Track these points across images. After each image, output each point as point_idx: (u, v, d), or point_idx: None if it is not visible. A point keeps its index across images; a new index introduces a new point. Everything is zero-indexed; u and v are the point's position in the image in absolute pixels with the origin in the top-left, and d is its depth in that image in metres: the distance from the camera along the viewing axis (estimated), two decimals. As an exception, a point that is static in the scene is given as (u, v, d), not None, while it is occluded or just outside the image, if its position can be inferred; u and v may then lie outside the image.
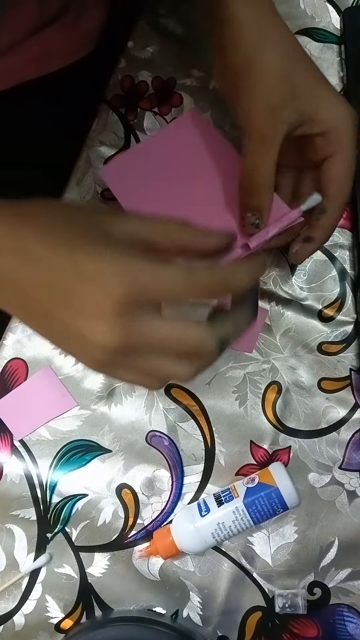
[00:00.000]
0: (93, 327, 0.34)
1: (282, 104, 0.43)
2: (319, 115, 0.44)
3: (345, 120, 0.44)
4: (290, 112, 0.43)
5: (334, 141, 0.44)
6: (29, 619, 0.52)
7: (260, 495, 0.50)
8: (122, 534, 0.53)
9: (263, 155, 0.43)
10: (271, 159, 0.43)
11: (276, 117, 0.43)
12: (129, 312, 0.34)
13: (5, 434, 0.54)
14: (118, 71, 0.58)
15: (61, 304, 0.35)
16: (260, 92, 0.43)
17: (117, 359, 0.36)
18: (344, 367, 0.54)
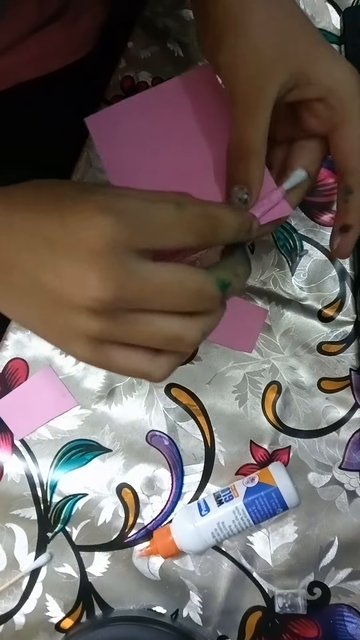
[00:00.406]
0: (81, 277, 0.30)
1: (271, 62, 0.36)
2: (315, 76, 0.37)
3: (348, 82, 0.37)
4: (281, 72, 0.37)
5: (337, 107, 0.37)
6: (29, 618, 0.52)
7: (260, 495, 0.50)
8: (122, 534, 0.53)
9: (251, 122, 0.37)
10: (261, 125, 0.37)
11: (265, 78, 0.37)
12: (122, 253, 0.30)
13: (6, 433, 0.54)
14: (118, 71, 0.58)
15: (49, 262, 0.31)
16: (246, 50, 0.37)
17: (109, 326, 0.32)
18: (344, 367, 0.54)
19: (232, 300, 0.49)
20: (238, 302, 0.54)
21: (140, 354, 0.33)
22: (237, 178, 0.38)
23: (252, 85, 0.37)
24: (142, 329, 0.32)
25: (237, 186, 0.38)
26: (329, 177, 0.55)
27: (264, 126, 0.37)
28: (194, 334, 0.33)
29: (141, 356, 0.33)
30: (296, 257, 0.55)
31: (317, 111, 0.39)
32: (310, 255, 0.55)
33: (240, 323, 0.54)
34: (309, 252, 0.55)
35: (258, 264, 0.55)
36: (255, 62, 0.37)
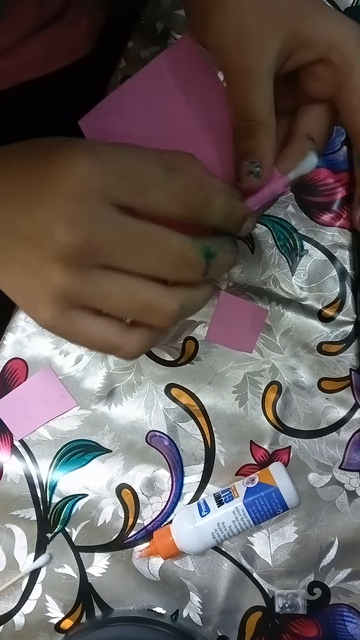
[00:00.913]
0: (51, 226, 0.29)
1: (262, 29, 0.34)
2: (310, 36, 0.34)
3: (346, 35, 0.34)
4: (274, 38, 0.34)
5: (339, 64, 0.34)
6: (29, 619, 0.52)
7: (260, 495, 0.50)
8: (122, 534, 0.53)
9: (253, 94, 0.34)
10: (264, 96, 0.34)
11: (258, 46, 0.34)
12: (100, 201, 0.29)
13: (5, 434, 0.54)
14: (118, 71, 0.58)
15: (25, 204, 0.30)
16: (234, 25, 0.34)
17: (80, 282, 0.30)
18: (344, 367, 0.54)
19: (232, 300, 0.50)
20: (238, 302, 0.54)
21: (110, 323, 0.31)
22: (248, 150, 0.35)
23: (247, 59, 0.34)
24: (114, 291, 0.30)
25: (247, 160, 0.35)
26: (329, 177, 0.55)
27: (269, 97, 0.35)
28: (172, 303, 0.30)
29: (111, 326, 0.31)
30: (296, 257, 0.55)
31: (318, 73, 0.35)
32: (310, 255, 0.55)
33: (241, 323, 0.54)
34: (309, 252, 0.55)
35: (258, 264, 0.55)
36: (245, 35, 0.34)
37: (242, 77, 0.35)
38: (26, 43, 0.50)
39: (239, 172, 0.36)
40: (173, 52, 0.41)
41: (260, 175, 0.35)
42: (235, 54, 0.34)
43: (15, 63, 0.51)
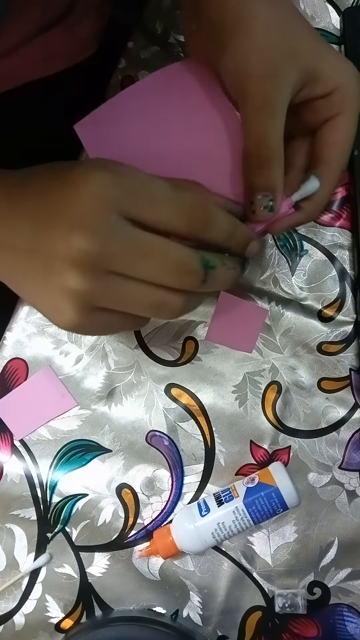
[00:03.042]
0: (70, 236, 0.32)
1: (282, 62, 0.36)
2: (323, 74, 0.37)
3: (352, 79, 0.38)
4: (293, 71, 0.36)
5: (337, 102, 0.38)
6: (29, 618, 0.52)
7: (260, 495, 0.50)
8: (122, 534, 0.53)
9: (269, 124, 0.36)
10: (278, 128, 0.37)
11: (278, 78, 0.36)
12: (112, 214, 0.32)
13: (6, 433, 0.54)
14: (118, 71, 0.58)
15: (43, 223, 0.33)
16: (256, 49, 0.36)
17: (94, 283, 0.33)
18: (344, 367, 0.54)
19: (232, 300, 0.50)
20: (238, 302, 0.54)
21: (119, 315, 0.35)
22: (260, 185, 0.38)
23: (264, 87, 0.36)
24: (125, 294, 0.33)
25: (261, 193, 0.38)
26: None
27: (281, 128, 0.37)
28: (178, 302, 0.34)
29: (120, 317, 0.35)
30: (296, 257, 0.55)
31: (317, 107, 0.39)
32: (310, 255, 0.55)
33: (241, 323, 0.54)
34: (309, 252, 0.55)
35: (258, 264, 0.55)
36: (264, 64, 0.36)
37: (259, 105, 0.36)
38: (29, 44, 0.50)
39: (254, 205, 0.38)
40: (176, 67, 0.42)
41: (274, 209, 0.38)
42: (255, 81, 0.36)
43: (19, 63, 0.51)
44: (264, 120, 0.37)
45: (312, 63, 0.37)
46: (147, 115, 0.43)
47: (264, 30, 0.36)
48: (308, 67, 0.37)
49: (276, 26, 0.36)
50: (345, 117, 0.38)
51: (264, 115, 0.36)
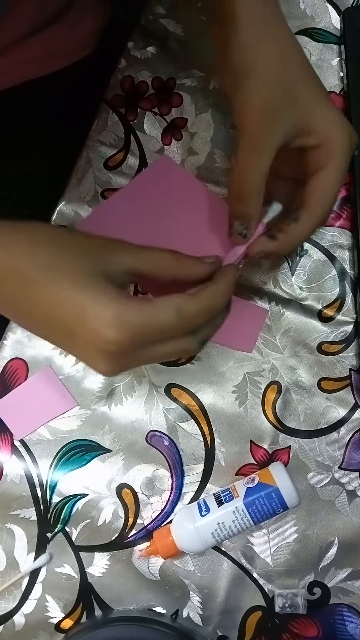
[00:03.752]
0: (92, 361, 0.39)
1: (279, 111, 0.41)
2: (315, 128, 0.42)
3: (341, 136, 0.42)
4: (287, 121, 0.41)
5: (324, 155, 0.42)
6: (29, 618, 0.52)
7: (260, 495, 0.50)
8: (122, 534, 0.53)
9: (254, 163, 0.41)
10: (262, 167, 0.41)
11: (271, 125, 0.41)
12: (124, 354, 0.38)
13: (6, 433, 0.54)
14: (118, 71, 0.58)
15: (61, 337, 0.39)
16: (258, 95, 0.41)
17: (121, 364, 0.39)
18: (344, 367, 0.54)
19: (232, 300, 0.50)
20: (238, 302, 0.54)
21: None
22: (237, 214, 0.44)
23: (257, 131, 0.41)
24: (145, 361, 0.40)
25: (238, 222, 0.44)
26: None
27: (265, 171, 0.41)
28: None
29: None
30: (296, 257, 0.55)
31: (309, 156, 0.43)
32: (310, 255, 0.55)
33: (241, 323, 0.54)
34: (309, 252, 0.55)
35: (258, 264, 0.55)
36: (262, 110, 0.41)
37: (250, 145, 0.41)
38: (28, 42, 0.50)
39: (231, 228, 0.45)
40: (154, 167, 0.54)
41: (247, 236, 0.45)
42: (251, 124, 0.41)
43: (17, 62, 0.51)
44: (250, 159, 0.41)
45: (306, 116, 0.41)
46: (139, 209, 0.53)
47: (269, 79, 0.41)
48: (302, 120, 0.41)
49: (281, 77, 0.41)
50: (330, 171, 0.42)
51: (251, 154, 0.41)
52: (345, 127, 0.42)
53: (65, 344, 0.40)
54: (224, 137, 0.56)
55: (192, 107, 0.57)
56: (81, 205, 0.56)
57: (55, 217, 0.56)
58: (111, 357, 0.38)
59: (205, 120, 0.57)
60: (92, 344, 0.37)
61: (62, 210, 0.56)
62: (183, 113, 0.57)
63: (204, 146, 0.57)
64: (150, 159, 0.57)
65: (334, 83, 0.57)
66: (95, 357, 0.38)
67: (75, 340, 0.38)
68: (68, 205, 0.56)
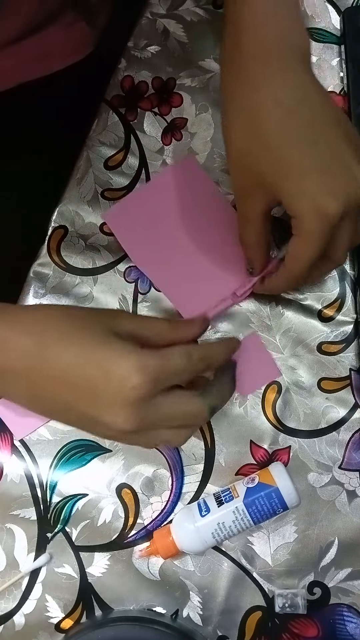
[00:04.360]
0: (114, 415, 0.40)
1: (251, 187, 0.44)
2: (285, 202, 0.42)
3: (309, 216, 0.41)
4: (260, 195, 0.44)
5: (297, 225, 0.42)
6: (29, 618, 0.52)
7: (260, 495, 0.50)
8: (122, 534, 0.53)
9: (244, 225, 0.47)
10: (253, 228, 0.46)
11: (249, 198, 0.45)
12: (146, 399, 0.40)
13: (5, 433, 0.54)
14: (118, 71, 0.58)
15: (84, 398, 0.40)
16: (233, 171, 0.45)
17: (130, 437, 0.42)
18: (344, 367, 0.54)
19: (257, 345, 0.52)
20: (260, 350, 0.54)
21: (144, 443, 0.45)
22: (246, 256, 0.50)
23: (240, 203, 0.47)
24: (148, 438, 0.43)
25: (247, 261, 0.50)
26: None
27: (256, 230, 0.47)
28: (182, 439, 0.44)
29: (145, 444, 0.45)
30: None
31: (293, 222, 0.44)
32: (310, 255, 0.55)
33: (251, 369, 0.53)
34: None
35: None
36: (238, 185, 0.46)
37: (239, 212, 0.47)
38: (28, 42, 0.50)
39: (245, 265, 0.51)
40: (178, 166, 0.56)
41: (253, 274, 0.51)
42: (235, 194, 0.47)
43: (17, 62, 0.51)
44: (241, 222, 0.48)
45: (276, 191, 0.42)
46: (161, 206, 0.55)
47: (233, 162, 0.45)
48: (273, 194, 0.43)
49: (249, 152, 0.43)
50: (299, 242, 0.43)
51: (241, 218, 0.47)
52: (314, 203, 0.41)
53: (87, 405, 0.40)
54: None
55: (192, 107, 0.57)
56: (81, 205, 0.56)
57: (55, 217, 0.56)
58: (135, 405, 0.39)
59: (205, 120, 0.57)
60: (118, 394, 0.39)
61: (62, 210, 0.56)
62: (183, 113, 0.57)
63: (204, 146, 0.57)
64: (150, 159, 0.57)
65: (334, 83, 0.57)
66: (118, 411, 0.40)
67: (98, 397, 0.40)
68: (68, 205, 0.56)
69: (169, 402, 0.41)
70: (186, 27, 0.58)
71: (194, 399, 0.43)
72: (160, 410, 0.41)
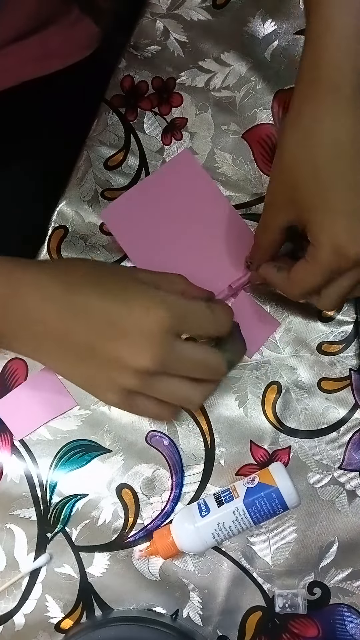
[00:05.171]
0: (135, 348, 0.40)
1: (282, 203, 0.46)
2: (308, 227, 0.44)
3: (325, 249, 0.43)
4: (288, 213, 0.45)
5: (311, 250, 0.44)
6: (29, 618, 0.52)
7: (261, 495, 0.50)
8: (122, 534, 0.53)
9: (262, 234, 0.49)
10: (269, 238, 0.48)
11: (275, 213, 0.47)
12: (170, 336, 0.40)
13: (5, 433, 0.54)
14: (118, 71, 0.58)
15: (106, 334, 0.41)
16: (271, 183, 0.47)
17: (144, 383, 0.42)
18: (344, 367, 0.54)
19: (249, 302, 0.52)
20: (255, 306, 0.54)
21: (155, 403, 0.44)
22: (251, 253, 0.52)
23: (265, 212, 0.48)
24: (162, 389, 0.43)
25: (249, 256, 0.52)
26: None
27: (271, 239, 0.48)
28: (199, 397, 0.44)
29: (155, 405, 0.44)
30: (296, 257, 0.55)
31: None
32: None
33: (250, 326, 0.53)
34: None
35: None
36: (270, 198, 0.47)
37: (262, 222, 0.49)
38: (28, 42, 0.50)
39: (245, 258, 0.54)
40: (175, 160, 0.56)
41: (250, 268, 0.53)
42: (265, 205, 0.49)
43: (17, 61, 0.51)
44: (261, 229, 0.49)
45: (305, 218, 0.44)
46: (157, 201, 0.55)
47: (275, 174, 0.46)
48: (301, 219, 0.44)
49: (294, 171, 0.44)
50: (308, 266, 0.44)
51: (261, 227, 0.49)
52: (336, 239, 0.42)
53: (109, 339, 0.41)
54: (224, 137, 0.56)
55: (192, 107, 0.57)
56: (81, 205, 0.56)
57: (55, 217, 0.56)
58: (156, 338, 0.40)
59: (205, 120, 0.57)
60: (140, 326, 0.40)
61: (62, 210, 0.56)
62: (183, 113, 0.57)
63: (204, 146, 0.57)
64: (150, 159, 0.57)
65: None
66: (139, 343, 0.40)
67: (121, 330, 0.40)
68: (68, 205, 0.56)
69: (189, 348, 0.42)
70: (186, 27, 0.58)
71: (212, 350, 0.44)
72: (181, 353, 0.41)
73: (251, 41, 0.57)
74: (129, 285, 0.42)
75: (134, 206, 0.55)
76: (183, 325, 0.41)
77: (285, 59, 0.56)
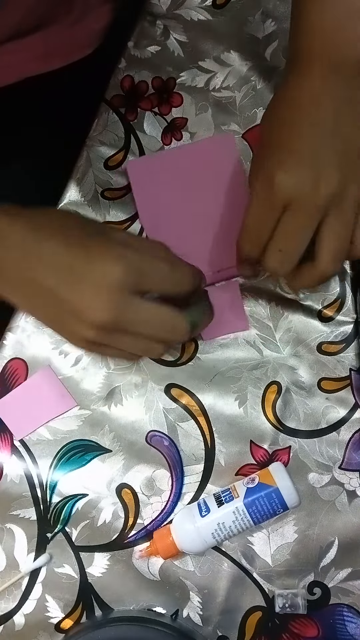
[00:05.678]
0: (92, 300, 0.40)
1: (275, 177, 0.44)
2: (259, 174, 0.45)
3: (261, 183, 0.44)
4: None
5: None
6: (29, 618, 0.52)
7: (261, 495, 0.50)
8: (122, 534, 0.53)
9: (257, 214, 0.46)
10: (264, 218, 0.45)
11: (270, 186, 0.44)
12: (124, 293, 0.40)
13: (5, 433, 0.54)
14: (118, 71, 0.58)
15: (66, 282, 0.41)
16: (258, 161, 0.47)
17: (102, 337, 0.42)
18: (344, 367, 0.54)
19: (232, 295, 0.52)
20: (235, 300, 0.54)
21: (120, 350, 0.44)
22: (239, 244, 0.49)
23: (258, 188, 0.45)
24: (124, 344, 0.43)
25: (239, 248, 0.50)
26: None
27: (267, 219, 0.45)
28: (162, 349, 0.44)
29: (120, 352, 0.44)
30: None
31: None
32: (310, 255, 0.55)
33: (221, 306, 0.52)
34: (309, 252, 0.55)
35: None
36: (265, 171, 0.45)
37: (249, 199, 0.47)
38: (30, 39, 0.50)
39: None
40: (216, 140, 0.56)
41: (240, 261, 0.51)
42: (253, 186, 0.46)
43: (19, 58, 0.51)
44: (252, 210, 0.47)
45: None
46: (186, 173, 0.55)
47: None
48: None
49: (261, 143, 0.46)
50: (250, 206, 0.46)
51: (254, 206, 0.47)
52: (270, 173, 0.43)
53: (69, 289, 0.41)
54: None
55: (192, 107, 0.57)
56: (81, 205, 0.56)
57: (55, 217, 0.56)
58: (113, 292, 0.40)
59: (205, 120, 0.57)
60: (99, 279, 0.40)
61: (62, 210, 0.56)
62: (183, 113, 0.57)
63: (204, 146, 0.56)
64: (150, 159, 0.57)
65: None
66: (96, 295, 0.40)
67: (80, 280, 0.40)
68: (68, 205, 0.56)
69: (148, 306, 0.42)
70: (186, 27, 0.58)
71: (174, 311, 0.43)
72: (139, 310, 0.41)
73: (251, 41, 0.57)
74: (96, 239, 0.42)
75: (161, 167, 0.55)
76: (141, 282, 0.41)
77: (285, 59, 0.56)
